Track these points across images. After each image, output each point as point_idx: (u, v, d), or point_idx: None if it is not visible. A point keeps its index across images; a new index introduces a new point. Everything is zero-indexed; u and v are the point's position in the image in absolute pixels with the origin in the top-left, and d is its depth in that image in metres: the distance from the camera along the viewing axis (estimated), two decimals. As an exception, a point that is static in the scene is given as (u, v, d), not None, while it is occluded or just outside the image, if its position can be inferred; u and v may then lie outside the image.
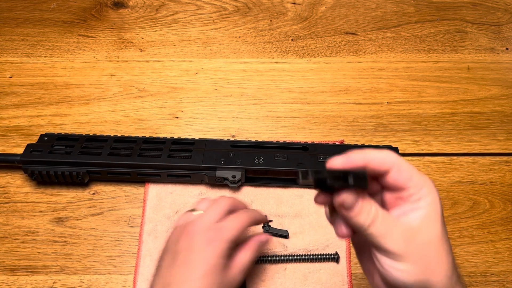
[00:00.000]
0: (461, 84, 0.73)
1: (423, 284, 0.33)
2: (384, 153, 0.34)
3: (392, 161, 0.34)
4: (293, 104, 0.70)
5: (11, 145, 0.66)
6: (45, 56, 0.75)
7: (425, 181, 0.34)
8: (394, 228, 0.33)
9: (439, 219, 0.34)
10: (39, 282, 0.56)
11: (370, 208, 0.33)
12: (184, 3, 0.81)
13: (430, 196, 0.34)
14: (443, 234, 0.34)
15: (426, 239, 0.34)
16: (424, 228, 0.34)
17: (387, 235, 0.33)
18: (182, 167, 0.60)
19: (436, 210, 0.34)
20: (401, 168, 0.34)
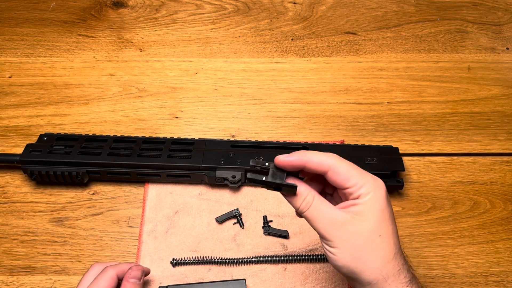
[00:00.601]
0: (462, 84, 0.73)
1: (352, 270, 0.39)
2: (324, 156, 0.40)
3: (330, 164, 0.39)
4: (293, 104, 0.70)
5: (10, 145, 0.66)
6: (44, 56, 0.75)
7: (366, 180, 0.39)
8: (325, 215, 0.39)
9: (376, 216, 0.39)
10: (38, 283, 0.56)
11: (306, 195, 0.40)
12: (184, 3, 0.81)
13: (369, 195, 0.39)
14: (377, 230, 0.39)
15: (355, 230, 0.38)
16: (356, 221, 0.38)
17: (319, 220, 0.39)
18: (182, 167, 0.60)
19: (372, 207, 0.39)
20: (338, 171, 0.39)
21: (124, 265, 0.51)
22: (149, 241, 0.58)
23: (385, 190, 0.40)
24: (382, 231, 0.39)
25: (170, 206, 0.61)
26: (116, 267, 0.50)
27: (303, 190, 0.40)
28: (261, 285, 0.55)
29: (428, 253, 0.58)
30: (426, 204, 0.62)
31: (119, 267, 0.50)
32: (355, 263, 0.39)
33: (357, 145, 0.63)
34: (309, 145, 0.62)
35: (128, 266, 0.50)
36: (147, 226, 0.59)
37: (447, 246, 0.59)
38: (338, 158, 0.40)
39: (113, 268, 0.49)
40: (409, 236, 0.59)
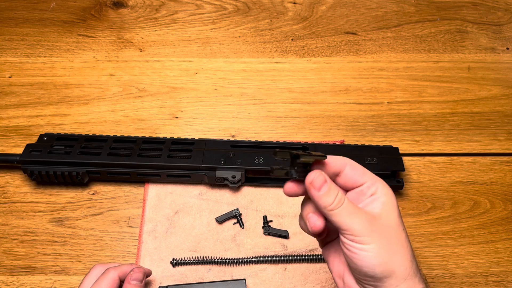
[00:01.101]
0: (462, 84, 0.72)
1: (387, 266, 0.37)
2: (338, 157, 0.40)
3: (346, 161, 0.40)
4: (293, 104, 0.70)
5: (10, 145, 0.66)
6: (44, 56, 0.75)
7: (378, 179, 0.40)
8: (358, 212, 0.38)
9: (396, 209, 0.39)
10: (38, 283, 0.56)
11: (337, 191, 0.38)
12: (184, 3, 0.81)
13: (385, 189, 0.39)
14: (400, 222, 0.39)
15: (387, 223, 0.38)
16: (383, 214, 0.38)
17: (353, 216, 0.37)
18: (182, 167, 0.60)
19: (392, 201, 0.39)
20: (354, 166, 0.40)
21: (126, 266, 0.50)
22: (149, 241, 0.58)
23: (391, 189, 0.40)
24: (402, 224, 0.39)
25: (170, 206, 0.61)
26: (117, 268, 0.50)
27: (334, 187, 0.38)
28: (261, 285, 0.55)
29: (428, 253, 0.58)
30: (426, 204, 0.62)
31: (120, 269, 0.50)
32: (390, 258, 0.37)
33: (357, 145, 0.63)
34: (309, 145, 0.62)
35: (130, 267, 0.50)
36: (147, 226, 0.59)
37: (447, 246, 0.59)
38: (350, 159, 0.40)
39: (115, 269, 0.49)
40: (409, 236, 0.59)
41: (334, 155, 0.39)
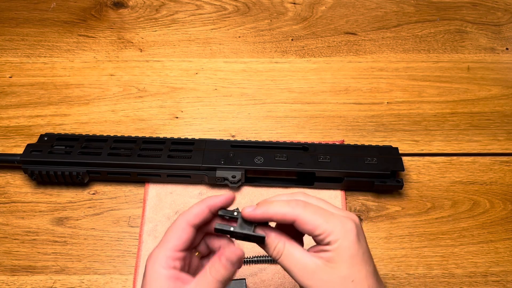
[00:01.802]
0: (461, 84, 0.73)
1: None
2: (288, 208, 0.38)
3: (294, 215, 0.38)
4: (293, 104, 0.70)
5: (11, 145, 0.66)
6: (45, 56, 0.75)
7: (334, 227, 0.37)
8: (298, 263, 0.38)
9: (346, 262, 0.37)
10: (39, 282, 0.56)
11: (276, 244, 0.39)
12: (184, 3, 0.81)
13: (337, 242, 0.37)
14: (349, 276, 0.37)
15: (327, 278, 0.37)
16: (327, 268, 0.37)
17: (291, 268, 0.38)
18: (182, 167, 0.60)
19: (342, 254, 0.37)
20: (303, 221, 0.38)
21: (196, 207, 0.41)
22: (150, 241, 0.58)
23: (355, 233, 0.38)
24: (355, 276, 0.37)
25: (170, 206, 0.61)
26: (186, 213, 0.40)
27: (273, 238, 0.39)
28: (261, 285, 0.55)
29: (427, 253, 0.58)
30: (425, 204, 0.62)
31: (190, 213, 0.40)
32: None
33: (357, 145, 0.63)
34: (309, 145, 0.62)
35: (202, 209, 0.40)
36: (147, 226, 0.59)
37: (446, 246, 0.59)
38: (303, 207, 0.38)
39: (182, 215, 0.40)
40: (408, 236, 0.59)
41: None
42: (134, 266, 0.57)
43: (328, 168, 0.60)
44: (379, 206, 0.61)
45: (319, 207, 0.39)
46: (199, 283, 0.38)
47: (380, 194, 0.62)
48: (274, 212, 0.38)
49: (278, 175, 0.63)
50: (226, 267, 0.38)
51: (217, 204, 0.40)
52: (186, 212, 0.40)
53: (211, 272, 0.38)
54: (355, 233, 0.38)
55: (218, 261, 0.38)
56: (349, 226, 0.38)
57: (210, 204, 0.40)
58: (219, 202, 0.40)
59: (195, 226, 0.40)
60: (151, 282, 0.38)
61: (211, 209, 0.40)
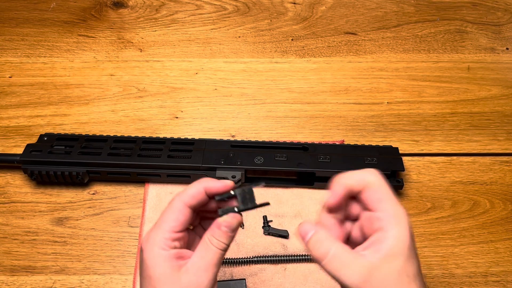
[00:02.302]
0: (461, 84, 0.73)
1: None
2: (365, 172, 0.36)
3: (370, 180, 0.36)
4: (293, 104, 0.70)
5: (10, 145, 0.66)
6: (44, 56, 0.75)
7: (396, 210, 0.35)
8: (350, 263, 0.34)
9: (403, 255, 0.34)
10: (38, 282, 0.56)
11: (319, 245, 0.36)
12: (184, 3, 0.81)
13: (397, 229, 0.34)
14: (405, 270, 0.34)
15: (385, 275, 0.34)
16: (384, 264, 0.34)
17: (342, 269, 0.34)
18: (182, 167, 0.60)
19: (400, 245, 0.34)
20: (373, 188, 0.36)
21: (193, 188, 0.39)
22: (149, 241, 0.58)
23: (410, 224, 0.35)
24: (409, 271, 0.34)
25: (170, 206, 0.61)
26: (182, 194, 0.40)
27: (321, 236, 0.36)
28: (261, 285, 0.55)
29: (428, 253, 0.58)
30: (426, 204, 0.62)
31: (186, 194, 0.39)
32: None
33: (357, 145, 0.63)
34: (309, 145, 0.62)
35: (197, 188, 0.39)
36: (147, 226, 0.59)
37: (446, 246, 0.59)
38: (379, 176, 0.36)
39: (179, 195, 0.39)
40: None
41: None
42: (134, 266, 0.57)
43: (328, 168, 0.60)
44: (379, 206, 0.61)
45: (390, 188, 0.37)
46: (202, 255, 0.37)
47: (380, 194, 0.62)
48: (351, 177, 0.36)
49: (278, 175, 0.62)
50: (227, 235, 0.38)
51: (214, 190, 0.39)
52: (182, 193, 0.39)
53: (213, 242, 0.37)
54: (410, 224, 0.36)
55: (218, 230, 0.38)
56: (407, 218, 0.35)
57: (207, 186, 0.39)
58: (216, 188, 0.39)
59: (192, 207, 0.39)
60: (152, 266, 0.37)
61: (207, 192, 0.39)
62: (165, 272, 0.37)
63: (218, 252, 0.37)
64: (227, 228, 0.38)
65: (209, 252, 0.37)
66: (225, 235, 0.38)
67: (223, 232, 0.38)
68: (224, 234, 0.38)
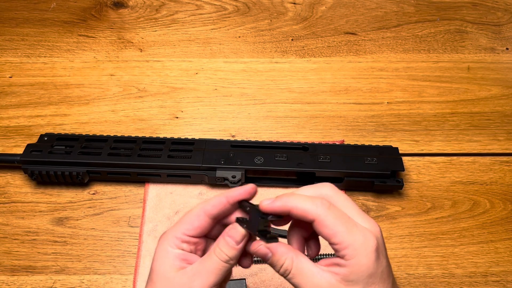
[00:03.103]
0: (462, 84, 0.73)
1: None
2: (310, 205, 0.35)
3: (316, 214, 0.35)
4: (293, 104, 0.70)
5: (11, 145, 0.66)
6: (45, 56, 0.75)
7: (354, 240, 0.34)
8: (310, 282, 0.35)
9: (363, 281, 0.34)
10: (39, 282, 0.56)
11: (283, 261, 0.36)
12: (184, 3, 0.81)
13: (355, 259, 0.34)
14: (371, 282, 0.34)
15: None
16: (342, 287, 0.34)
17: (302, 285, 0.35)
18: (182, 167, 0.60)
19: (358, 271, 0.34)
20: (324, 224, 0.34)
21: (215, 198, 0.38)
22: (150, 241, 0.58)
23: (375, 250, 0.34)
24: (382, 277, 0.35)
25: (170, 206, 0.61)
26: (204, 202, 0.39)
27: (279, 254, 0.36)
28: (261, 285, 0.55)
29: (427, 253, 0.58)
30: (426, 204, 0.62)
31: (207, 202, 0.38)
32: None
33: (357, 145, 0.63)
34: (309, 145, 0.62)
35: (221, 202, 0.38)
36: (148, 226, 0.59)
37: (446, 246, 0.59)
38: (327, 208, 0.35)
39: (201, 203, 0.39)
40: (409, 236, 0.59)
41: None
42: (134, 266, 0.57)
43: (328, 168, 0.60)
44: (379, 206, 0.61)
45: (343, 213, 0.35)
46: (203, 262, 0.37)
47: (380, 194, 0.62)
48: (295, 205, 0.36)
49: (278, 175, 0.63)
50: (230, 246, 0.37)
51: (236, 197, 0.38)
52: (205, 201, 0.39)
53: (216, 252, 0.37)
54: (375, 250, 0.35)
55: (222, 240, 0.37)
56: (371, 242, 0.35)
57: (228, 195, 0.38)
58: (238, 195, 0.38)
59: (212, 216, 0.38)
60: (159, 258, 0.38)
61: (230, 201, 0.38)
62: (164, 269, 0.37)
63: (218, 262, 0.37)
64: (231, 239, 0.37)
65: (210, 259, 0.37)
66: (227, 246, 0.37)
67: (226, 242, 0.37)
68: (227, 245, 0.37)
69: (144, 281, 0.56)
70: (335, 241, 0.34)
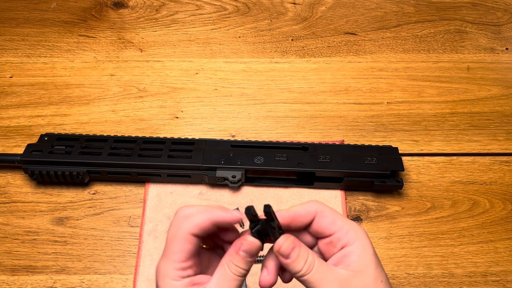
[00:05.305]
0: (461, 84, 0.73)
1: None
2: (308, 204, 0.38)
3: (315, 209, 0.37)
4: (293, 104, 0.71)
5: (11, 145, 0.66)
6: (45, 56, 0.75)
7: (351, 225, 0.37)
8: (329, 276, 0.35)
9: (372, 262, 0.36)
10: (39, 282, 0.56)
11: (307, 256, 0.36)
12: (184, 3, 0.82)
13: (358, 241, 0.36)
14: (378, 277, 0.36)
15: (362, 284, 0.35)
16: (357, 274, 0.35)
17: (322, 282, 0.35)
18: (182, 167, 0.60)
19: (366, 254, 0.36)
20: (323, 214, 0.37)
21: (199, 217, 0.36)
22: (150, 240, 0.58)
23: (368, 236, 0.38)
24: (382, 276, 0.36)
25: (171, 206, 0.61)
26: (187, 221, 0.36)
27: (303, 251, 0.36)
28: (261, 284, 0.55)
29: (427, 252, 0.58)
30: (425, 204, 0.62)
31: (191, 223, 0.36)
32: None
33: (357, 145, 0.63)
34: (309, 145, 0.62)
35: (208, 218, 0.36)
36: (148, 225, 0.59)
37: (446, 245, 0.59)
38: (323, 204, 0.38)
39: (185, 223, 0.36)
40: (408, 236, 0.59)
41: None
42: (134, 266, 0.57)
43: (328, 168, 0.60)
44: (379, 206, 0.61)
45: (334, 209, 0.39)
46: (219, 282, 0.36)
47: (380, 194, 0.62)
48: (297, 210, 0.37)
49: (278, 175, 0.63)
50: (245, 261, 0.36)
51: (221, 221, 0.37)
52: (188, 220, 0.36)
53: (231, 269, 0.36)
54: (368, 236, 0.38)
55: (236, 255, 0.36)
56: (362, 229, 0.38)
57: (214, 219, 0.37)
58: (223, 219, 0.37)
59: (198, 236, 0.37)
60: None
61: (215, 223, 0.37)
62: None
63: (236, 279, 0.36)
64: (246, 253, 0.36)
65: (227, 279, 0.36)
66: (244, 261, 0.36)
67: (241, 258, 0.36)
68: (243, 260, 0.36)
69: (144, 280, 0.56)
70: (336, 227, 0.36)
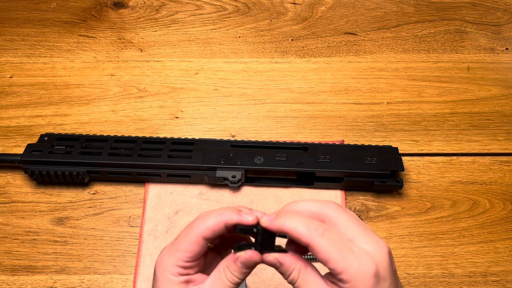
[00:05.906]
0: (461, 84, 0.73)
1: None
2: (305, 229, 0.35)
3: (310, 239, 0.34)
4: (293, 104, 0.71)
5: (11, 145, 0.66)
6: (45, 56, 0.75)
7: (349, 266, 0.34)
8: None
9: None
10: (39, 282, 0.56)
11: (292, 270, 0.36)
12: (184, 3, 0.82)
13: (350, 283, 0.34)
14: None
15: None
16: None
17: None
18: (182, 167, 0.60)
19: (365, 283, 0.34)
20: (318, 250, 0.34)
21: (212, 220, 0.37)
22: (150, 240, 0.58)
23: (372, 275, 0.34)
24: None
25: (171, 206, 0.61)
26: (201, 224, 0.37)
27: (288, 264, 0.36)
28: (261, 284, 0.55)
29: (427, 252, 0.58)
30: (425, 204, 0.62)
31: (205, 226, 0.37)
32: None
33: (356, 145, 0.63)
34: (309, 145, 0.62)
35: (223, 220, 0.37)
36: (148, 225, 0.59)
37: (446, 245, 0.59)
38: (321, 234, 0.34)
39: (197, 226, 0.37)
40: (408, 236, 0.59)
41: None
42: (135, 266, 0.57)
43: (328, 168, 0.60)
44: (379, 206, 0.62)
45: (340, 238, 0.35)
46: (213, 286, 0.37)
47: (380, 194, 0.62)
48: (290, 229, 0.35)
49: (278, 175, 0.63)
50: (241, 271, 0.37)
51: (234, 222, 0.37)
52: (201, 223, 0.37)
53: (226, 275, 0.37)
54: (373, 275, 0.34)
55: (233, 264, 0.37)
56: (367, 268, 0.34)
57: (227, 220, 0.37)
58: (237, 220, 0.37)
59: (209, 239, 0.37)
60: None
61: (227, 225, 0.37)
62: None
63: (230, 286, 0.37)
64: (243, 265, 0.36)
65: (221, 284, 0.37)
66: (240, 271, 0.37)
67: (237, 267, 0.37)
68: (239, 270, 0.37)
69: (144, 280, 0.56)
70: (329, 266, 0.34)
